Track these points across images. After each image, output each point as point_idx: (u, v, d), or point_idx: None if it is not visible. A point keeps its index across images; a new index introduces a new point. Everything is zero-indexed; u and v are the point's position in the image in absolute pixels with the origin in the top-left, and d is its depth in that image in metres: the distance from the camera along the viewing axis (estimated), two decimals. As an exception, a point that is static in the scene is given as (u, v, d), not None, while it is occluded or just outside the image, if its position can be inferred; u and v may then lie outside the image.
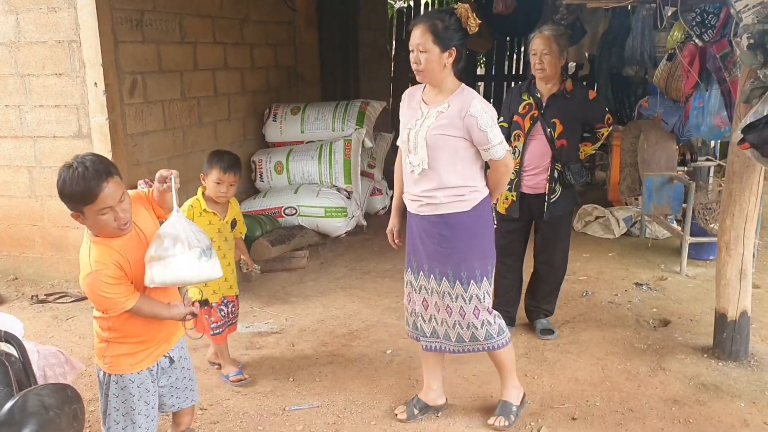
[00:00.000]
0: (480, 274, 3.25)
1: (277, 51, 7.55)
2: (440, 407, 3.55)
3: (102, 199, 2.34)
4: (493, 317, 3.33)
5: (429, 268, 3.31)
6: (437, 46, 3.04)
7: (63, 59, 5.05)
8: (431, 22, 3.05)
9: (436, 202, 3.19)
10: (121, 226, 2.42)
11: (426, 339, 3.43)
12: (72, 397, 1.96)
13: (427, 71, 3.09)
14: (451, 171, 3.15)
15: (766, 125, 3.25)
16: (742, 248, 3.90)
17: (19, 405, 1.72)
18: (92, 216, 2.37)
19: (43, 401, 1.80)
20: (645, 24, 6.42)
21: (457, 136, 3.11)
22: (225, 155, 3.73)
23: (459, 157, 3.15)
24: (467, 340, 3.32)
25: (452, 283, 3.24)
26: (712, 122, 4.80)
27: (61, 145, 5.18)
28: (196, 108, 6.16)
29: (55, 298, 5.13)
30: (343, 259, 6.18)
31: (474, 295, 3.25)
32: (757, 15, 3.27)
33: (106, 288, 2.40)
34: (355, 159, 6.63)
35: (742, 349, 4.01)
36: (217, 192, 3.68)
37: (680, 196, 5.85)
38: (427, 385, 3.56)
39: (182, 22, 5.86)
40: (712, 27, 4.80)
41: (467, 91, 3.17)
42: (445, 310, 3.30)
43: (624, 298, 5.07)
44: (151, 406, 2.69)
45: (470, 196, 3.20)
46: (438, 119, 3.13)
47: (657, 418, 3.46)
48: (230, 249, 3.84)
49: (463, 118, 3.08)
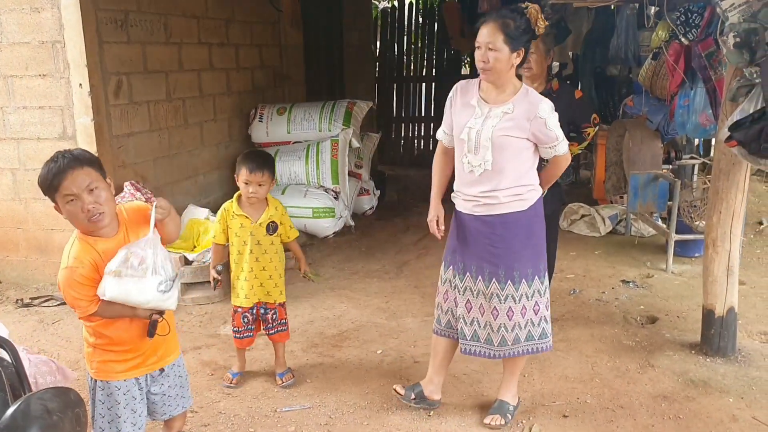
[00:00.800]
0: (532, 273, 3.24)
1: (262, 51, 7.52)
2: (434, 402, 3.56)
3: (65, 186, 2.34)
4: (539, 318, 3.31)
5: (477, 269, 3.27)
6: (507, 45, 3.02)
7: (47, 60, 4.99)
8: (503, 21, 3.02)
9: (495, 202, 3.17)
10: (91, 218, 2.38)
11: (466, 342, 3.37)
12: (74, 401, 1.93)
13: (495, 70, 3.06)
14: (512, 171, 3.14)
15: (753, 123, 3.29)
16: (729, 245, 3.94)
17: (21, 409, 1.70)
18: (63, 206, 2.38)
19: (46, 405, 1.77)
20: (629, 23, 6.46)
21: (521, 137, 3.11)
22: (254, 155, 3.70)
23: (522, 158, 3.15)
24: (510, 343, 3.28)
25: (503, 283, 3.22)
26: (697, 120, 4.84)
27: (45, 147, 5.13)
28: (182, 109, 6.12)
29: (40, 301, 5.08)
30: (331, 260, 6.17)
31: (524, 293, 3.24)
32: (742, 14, 3.32)
33: (76, 286, 2.39)
34: (342, 159, 6.63)
35: (730, 345, 4.05)
36: (246, 192, 3.63)
37: (665, 194, 5.89)
38: (429, 379, 3.58)
39: (167, 22, 5.82)
40: (696, 26, 4.85)
41: (532, 92, 3.17)
42: (491, 312, 3.27)
43: (611, 296, 5.10)
44: (137, 414, 2.65)
45: (528, 195, 3.20)
46: (503, 120, 3.11)
47: (647, 415, 3.48)
48: (265, 253, 3.72)
49: (531, 120, 3.08)
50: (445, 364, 3.57)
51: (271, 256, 3.75)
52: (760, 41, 3.25)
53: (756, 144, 3.25)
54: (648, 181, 5.89)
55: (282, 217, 3.77)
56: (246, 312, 3.80)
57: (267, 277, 3.76)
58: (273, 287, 3.79)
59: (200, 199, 6.36)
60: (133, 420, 2.64)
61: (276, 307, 3.84)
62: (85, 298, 2.42)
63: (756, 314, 4.68)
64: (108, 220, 2.45)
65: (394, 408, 3.60)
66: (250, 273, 3.73)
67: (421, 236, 6.87)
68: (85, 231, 2.45)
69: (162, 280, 2.46)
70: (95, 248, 2.43)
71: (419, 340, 4.41)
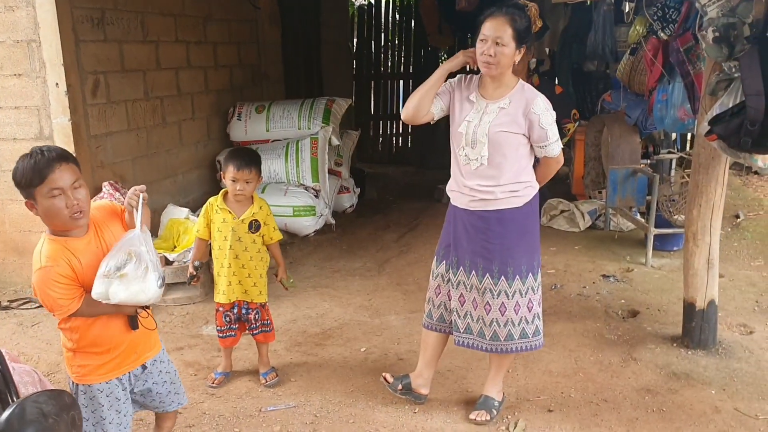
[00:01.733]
0: (526, 270, 3.25)
1: (240, 49, 7.47)
2: (420, 396, 3.57)
3: (52, 180, 2.30)
4: (533, 316, 3.31)
5: (471, 264, 3.28)
6: (515, 41, 3.00)
7: (22, 59, 4.91)
8: (512, 17, 3.00)
9: (491, 198, 3.17)
10: (74, 215, 2.36)
11: (459, 334, 3.40)
12: (69, 404, 1.90)
13: (500, 65, 3.04)
14: (509, 167, 3.14)
15: (732, 117, 3.32)
16: (709, 238, 3.98)
17: (17, 413, 1.66)
18: (43, 201, 2.33)
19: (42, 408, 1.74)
20: (606, 19, 6.49)
21: (518, 132, 3.11)
22: (240, 153, 3.68)
23: (518, 154, 3.15)
24: (502, 338, 3.29)
25: (496, 279, 3.22)
26: (675, 115, 4.88)
27: (21, 147, 5.04)
28: (160, 108, 6.06)
29: (18, 304, 5.00)
30: (312, 258, 6.15)
31: (517, 290, 3.24)
32: (721, 9, 3.35)
33: (53, 286, 2.34)
34: (322, 157, 6.61)
35: (710, 337, 4.09)
36: (233, 190, 3.61)
37: (644, 189, 5.94)
38: (419, 372, 3.59)
39: (144, 20, 5.75)
40: (674, 21, 4.89)
41: (528, 87, 3.17)
42: (484, 307, 3.28)
43: (592, 290, 5.13)
44: (122, 414, 2.63)
45: (524, 191, 3.20)
46: (499, 116, 3.11)
47: (631, 408, 3.51)
48: (245, 250, 3.69)
49: (527, 115, 3.08)
50: (435, 358, 3.58)
51: (252, 255, 3.72)
52: (738, 36, 3.28)
53: (736, 137, 3.28)
54: (627, 176, 5.94)
55: (266, 218, 3.74)
56: (227, 311, 3.78)
57: (246, 275, 3.73)
58: (251, 286, 3.76)
59: (179, 199, 6.30)
60: (119, 421, 2.62)
61: (257, 307, 3.81)
62: (64, 297, 2.38)
63: (735, 306, 4.74)
64: (86, 221, 2.44)
65: (380, 405, 3.60)
66: (229, 269, 3.70)
67: (402, 234, 6.88)
68: (60, 228, 2.41)
69: (158, 276, 2.45)
70: (66, 247, 2.39)
71: (403, 337, 4.41)
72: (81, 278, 2.41)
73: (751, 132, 3.22)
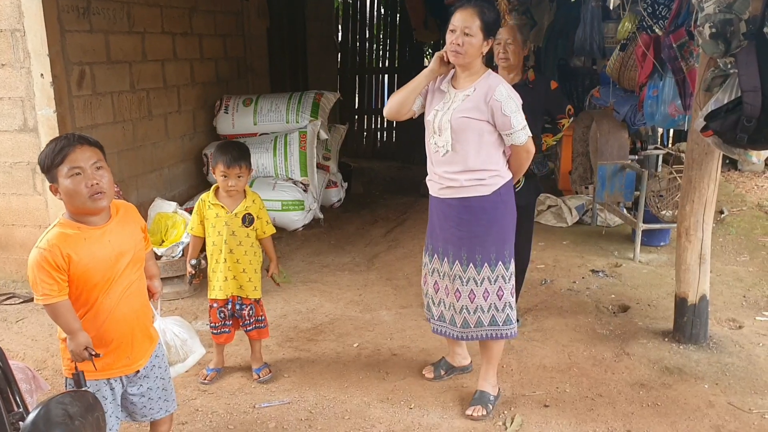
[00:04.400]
0: (495, 258, 3.27)
1: (226, 42, 7.39)
2: (466, 367, 3.78)
3: (72, 159, 2.33)
4: (503, 304, 3.33)
5: (443, 251, 3.35)
6: (482, 32, 3.09)
7: (6, 49, 4.81)
8: (480, 9, 3.09)
9: (457, 185, 3.21)
10: (93, 195, 2.35)
11: (434, 322, 3.52)
12: (93, 404, 1.85)
13: (467, 55, 3.12)
14: (474, 155, 3.17)
15: (728, 113, 3.33)
16: (701, 233, 4.00)
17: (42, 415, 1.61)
18: (63, 181, 2.34)
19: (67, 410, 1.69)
20: (594, 15, 6.48)
21: (481, 119, 3.13)
22: (229, 147, 3.62)
23: (483, 141, 3.17)
24: (472, 325, 3.35)
25: (465, 266, 3.27)
26: (666, 111, 4.89)
27: (5, 139, 4.96)
28: (146, 100, 5.98)
29: (2, 299, 4.91)
30: (301, 253, 6.10)
31: (486, 277, 3.28)
32: (718, 5, 3.34)
33: (39, 270, 2.34)
34: (311, 151, 6.55)
35: (702, 332, 4.11)
36: (225, 185, 3.58)
37: (632, 184, 5.96)
38: (452, 352, 3.76)
39: (130, 10, 5.66)
40: (664, 17, 4.89)
41: (493, 76, 3.21)
42: (454, 294, 3.34)
43: (582, 285, 5.14)
44: (108, 415, 2.56)
45: (491, 180, 3.22)
46: (464, 102, 3.16)
47: (626, 402, 3.52)
48: (239, 245, 3.65)
49: (488, 101, 3.11)
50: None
51: (246, 249, 3.68)
52: (735, 32, 3.28)
53: (732, 134, 3.29)
54: (615, 172, 5.95)
55: (259, 211, 3.70)
56: (222, 307, 3.73)
57: (240, 270, 3.69)
58: (246, 281, 3.72)
59: (165, 193, 6.23)
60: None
61: (251, 302, 3.77)
62: (42, 285, 2.35)
63: (723, 301, 4.77)
64: (106, 203, 2.44)
65: (375, 401, 3.57)
66: (224, 264, 3.66)
67: (390, 228, 6.86)
68: (80, 211, 2.40)
69: (190, 349, 2.83)
70: (70, 238, 2.37)
71: (395, 332, 4.39)
72: (74, 273, 2.38)
73: (747, 128, 3.23)
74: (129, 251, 2.52)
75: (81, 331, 2.41)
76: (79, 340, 2.40)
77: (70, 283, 2.39)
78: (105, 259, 2.43)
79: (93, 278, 2.41)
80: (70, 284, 2.40)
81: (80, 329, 2.41)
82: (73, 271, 2.38)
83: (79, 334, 2.41)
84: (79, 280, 2.40)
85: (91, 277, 2.41)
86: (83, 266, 2.38)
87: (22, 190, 5.05)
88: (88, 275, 2.40)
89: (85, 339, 2.41)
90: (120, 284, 2.50)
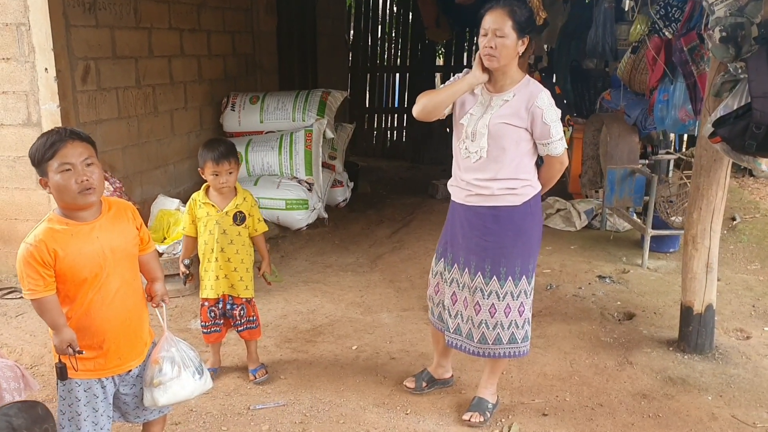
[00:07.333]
0: (519, 272, 3.18)
1: (234, 38, 7.35)
2: (447, 381, 3.67)
3: (63, 154, 2.32)
4: (524, 321, 3.25)
5: (465, 261, 3.23)
6: (515, 32, 2.99)
7: (11, 43, 4.79)
8: (511, 8, 3.00)
9: (488, 193, 3.12)
10: (83, 191, 2.34)
11: (449, 335, 3.39)
12: (42, 416, 1.81)
13: (501, 57, 3.02)
14: (508, 162, 3.08)
15: (737, 119, 3.25)
16: (708, 242, 3.91)
17: None
18: (53, 176, 2.33)
19: (11, 422, 1.64)
20: (607, 16, 6.41)
21: (520, 126, 3.05)
22: (214, 145, 3.57)
23: (519, 150, 3.09)
24: (491, 342, 3.24)
25: (488, 278, 3.18)
26: (676, 115, 4.81)
27: (8, 133, 4.94)
28: (152, 96, 5.94)
29: (3, 293, 4.90)
30: (304, 253, 6.05)
31: (509, 292, 3.18)
32: (729, 8, 3.26)
33: (25, 265, 2.34)
34: (316, 150, 6.50)
35: (707, 342, 4.03)
36: (216, 183, 3.54)
37: (641, 189, 5.89)
38: (437, 364, 3.65)
39: (137, 6, 5.63)
40: (677, 20, 4.82)
41: (533, 82, 3.13)
42: (473, 307, 3.23)
43: (588, 291, 5.06)
44: (99, 413, 2.54)
45: (522, 190, 3.14)
46: (502, 108, 3.07)
47: (627, 413, 3.45)
48: (231, 243, 3.61)
49: (529, 108, 3.02)
50: (448, 350, 3.58)
51: (238, 248, 3.64)
52: (746, 36, 3.20)
53: (740, 140, 3.21)
54: (625, 176, 5.87)
55: (251, 209, 3.66)
56: (213, 306, 3.70)
57: (232, 269, 3.66)
58: (237, 281, 3.68)
59: (170, 189, 6.20)
60: (95, 419, 2.53)
61: (243, 302, 3.73)
62: (28, 280, 2.34)
63: (731, 311, 4.68)
64: (96, 198, 2.42)
65: (371, 406, 3.52)
66: (216, 263, 3.63)
67: (396, 229, 6.80)
68: (70, 206, 2.40)
69: (193, 370, 2.64)
70: (58, 234, 2.36)
71: (395, 336, 4.33)
72: (60, 269, 2.37)
73: (756, 135, 3.15)
74: (119, 248, 2.50)
75: (66, 327, 2.40)
76: (63, 336, 2.39)
77: (57, 279, 2.38)
78: (93, 256, 2.41)
79: (80, 274, 2.40)
80: (58, 280, 2.39)
81: (65, 325, 2.40)
82: (59, 267, 2.36)
83: (64, 330, 2.39)
84: (66, 276, 2.39)
85: (79, 273, 2.39)
86: (70, 262, 2.36)
87: (25, 185, 5.03)
88: (75, 271, 2.39)
89: (69, 336, 2.39)
90: (111, 281, 2.47)
